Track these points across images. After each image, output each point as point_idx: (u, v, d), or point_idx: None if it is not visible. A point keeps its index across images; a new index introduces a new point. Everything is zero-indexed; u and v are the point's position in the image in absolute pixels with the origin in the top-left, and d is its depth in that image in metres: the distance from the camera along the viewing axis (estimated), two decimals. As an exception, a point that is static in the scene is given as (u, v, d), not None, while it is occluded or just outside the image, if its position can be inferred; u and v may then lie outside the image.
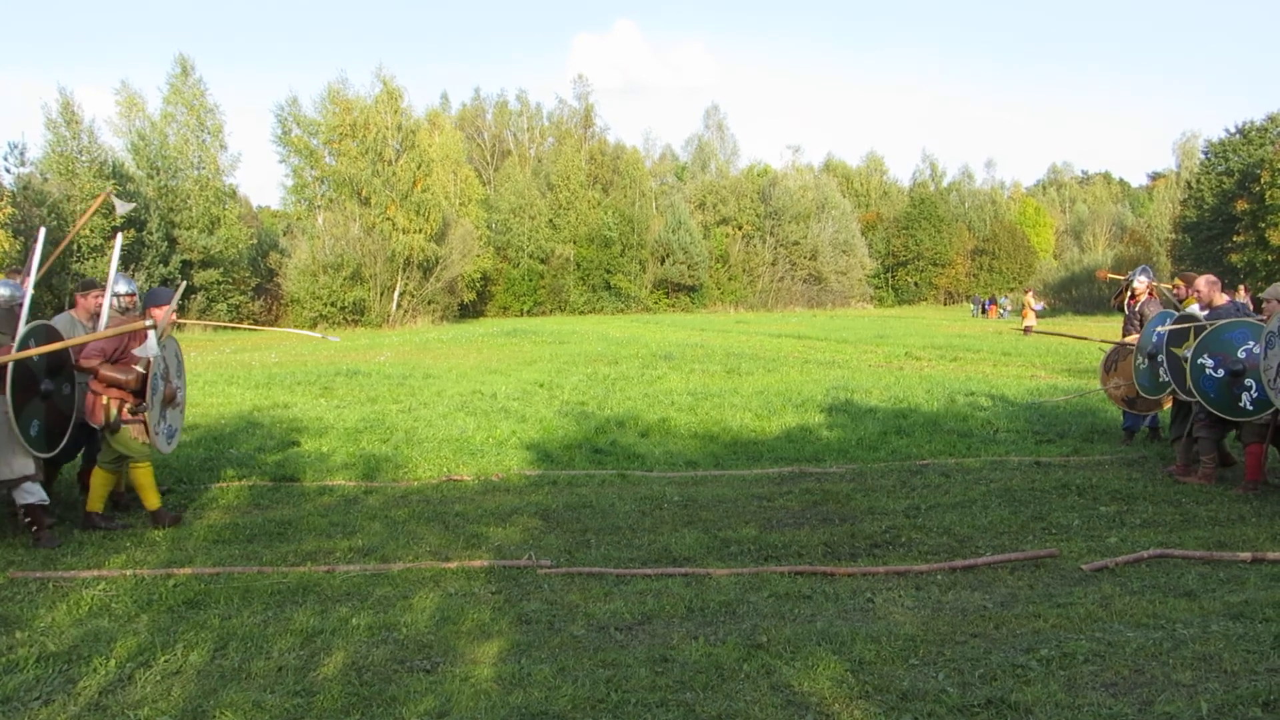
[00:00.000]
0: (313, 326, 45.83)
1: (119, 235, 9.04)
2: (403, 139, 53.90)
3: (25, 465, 6.78)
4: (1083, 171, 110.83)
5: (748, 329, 39.89)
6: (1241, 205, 50.31)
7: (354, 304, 50.56)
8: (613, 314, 63.12)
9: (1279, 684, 4.19)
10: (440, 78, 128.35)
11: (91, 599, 5.65)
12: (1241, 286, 38.15)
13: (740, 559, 6.56)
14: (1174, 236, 61.79)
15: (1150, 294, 9.98)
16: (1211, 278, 9.17)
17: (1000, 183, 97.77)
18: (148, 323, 7.08)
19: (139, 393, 7.31)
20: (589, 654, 4.77)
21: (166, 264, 48.28)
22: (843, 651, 4.69)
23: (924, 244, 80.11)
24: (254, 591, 5.74)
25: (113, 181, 45.12)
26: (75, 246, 42.04)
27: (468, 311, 60.88)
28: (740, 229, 73.67)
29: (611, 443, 11.19)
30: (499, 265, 64.59)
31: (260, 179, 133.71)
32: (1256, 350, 8.13)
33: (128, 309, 8.07)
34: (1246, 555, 6.24)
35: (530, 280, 65.58)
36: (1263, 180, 48.63)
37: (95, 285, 7.95)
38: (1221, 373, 8.36)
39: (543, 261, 65.72)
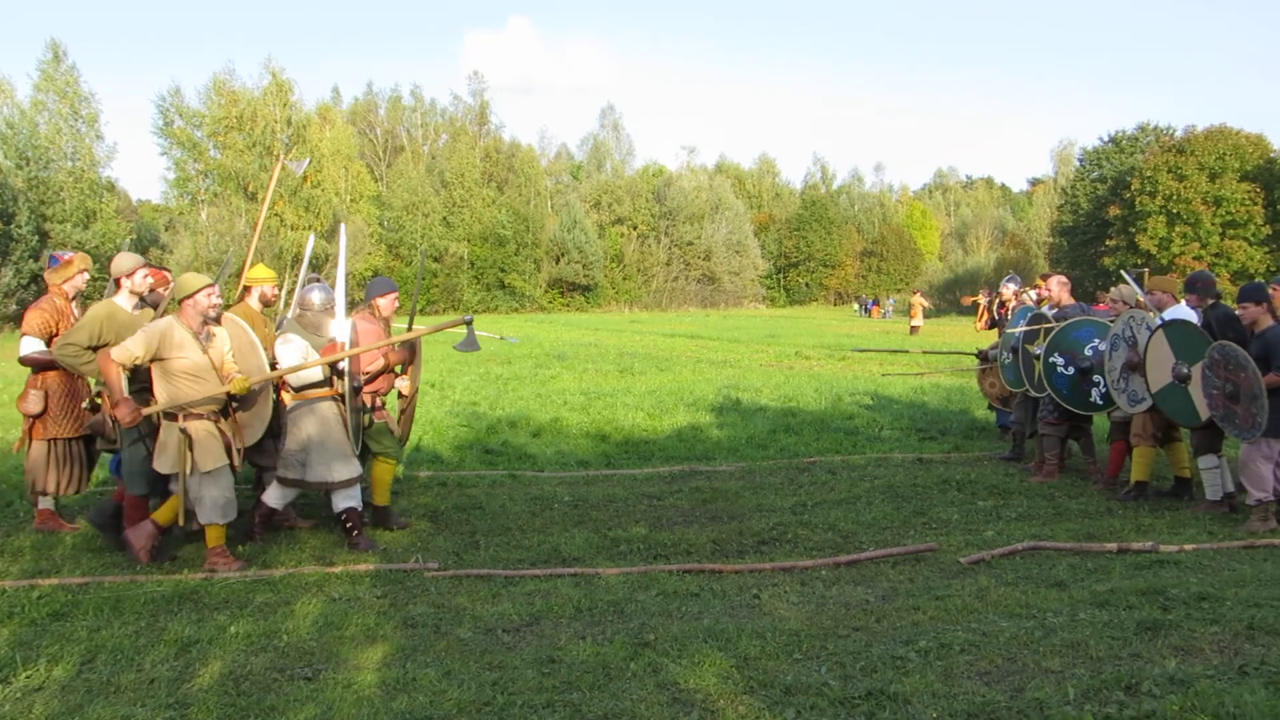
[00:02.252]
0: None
1: (312, 236, 8.69)
2: (292, 133, 52.72)
3: (352, 469, 6.69)
4: (967, 176, 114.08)
5: (642, 329, 40.06)
6: (1114, 211, 52.43)
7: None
8: (507, 313, 62.73)
9: (1140, 668, 4.38)
10: (331, 71, 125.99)
11: (-51, 612, 5.38)
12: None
13: (630, 558, 6.58)
14: (1051, 240, 64.04)
15: (1018, 300, 10.33)
16: (1062, 279, 9.52)
17: (888, 186, 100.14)
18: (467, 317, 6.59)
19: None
20: (475, 657, 4.73)
21: (37, 259, 46.09)
22: (728, 648, 4.74)
23: (815, 245, 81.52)
24: (126, 601, 5.52)
25: None
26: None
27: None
28: (635, 229, 73.94)
29: (503, 443, 11.13)
30: (391, 263, 63.58)
31: (140, 172, 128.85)
32: (1102, 347, 8.50)
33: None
34: (1113, 546, 6.52)
35: (423, 279, 64.66)
36: (1133, 187, 50.77)
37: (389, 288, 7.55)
38: (1071, 370, 8.69)
39: (436, 260, 64.95)
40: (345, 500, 6.72)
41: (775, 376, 18.30)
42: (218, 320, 6.35)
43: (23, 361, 6.96)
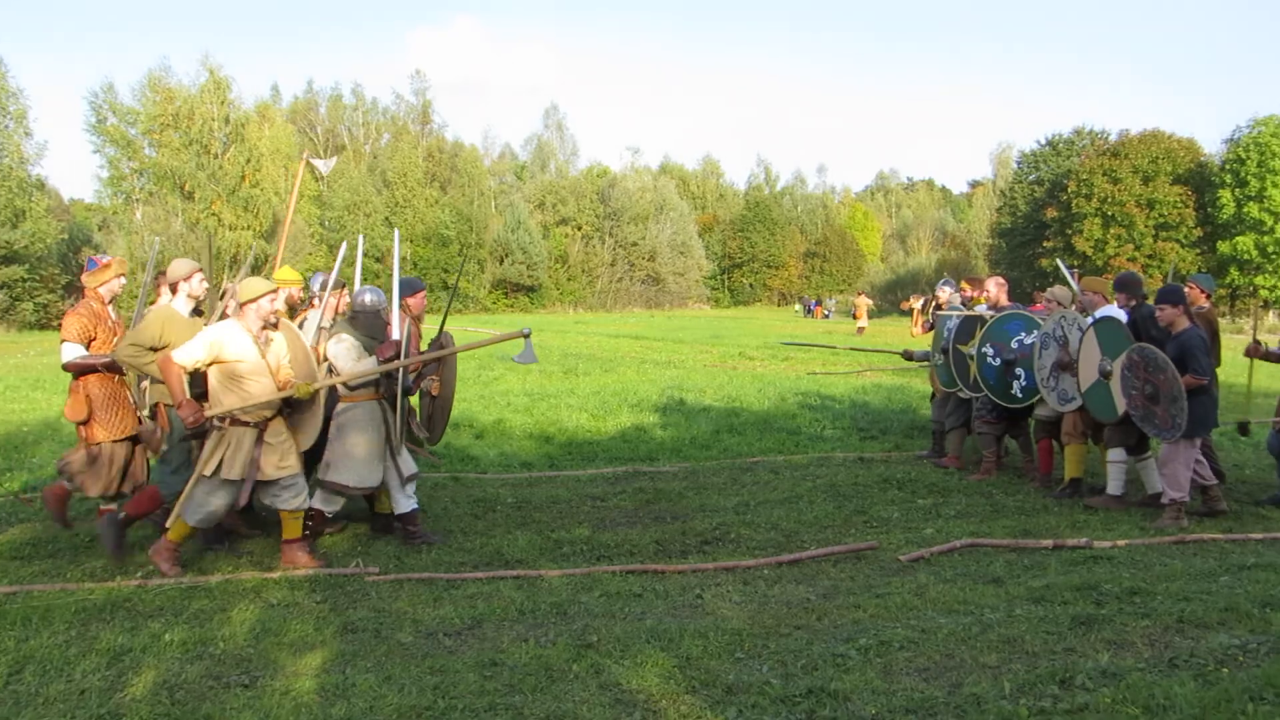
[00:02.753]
0: (128, 327, 43.49)
1: (345, 245, 8.56)
2: (230, 131, 51.87)
3: (371, 480, 6.67)
4: (908, 178, 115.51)
5: (586, 329, 40.01)
6: (1051, 213, 53.40)
7: (176, 303, 48.32)
8: (450, 314, 62.15)
9: (1074, 662, 4.47)
10: (270, 69, 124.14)
11: None
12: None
13: (573, 559, 6.57)
14: (991, 241, 65.05)
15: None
16: (1000, 280, 9.67)
17: (831, 188, 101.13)
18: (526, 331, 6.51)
19: None
20: (416, 661, 4.69)
21: (-37, 259, 45.00)
22: (671, 648, 4.75)
23: (759, 246, 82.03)
24: (56, 610, 5.38)
25: None
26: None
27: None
28: (579, 229, 73.86)
29: (445, 445, 11.02)
30: (332, 264, 62.80)
31: (72, 170, 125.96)
32: (1028, 341, 8.66)
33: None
34: (1048, 542, 6.63)
35: (365, 279, 63.89)
36: (1069, 190, 51.76)
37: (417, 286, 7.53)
38: (998, 361, 8.86)
39: (378, 260, 64.25)
40: (323, 503, 6.71)
41: (719, 377, 18.37)
42: (275, 325, 6.34)
43: (66, 368, 6.93)
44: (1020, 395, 8.78)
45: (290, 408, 6.38)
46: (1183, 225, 49.20)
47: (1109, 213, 49.59)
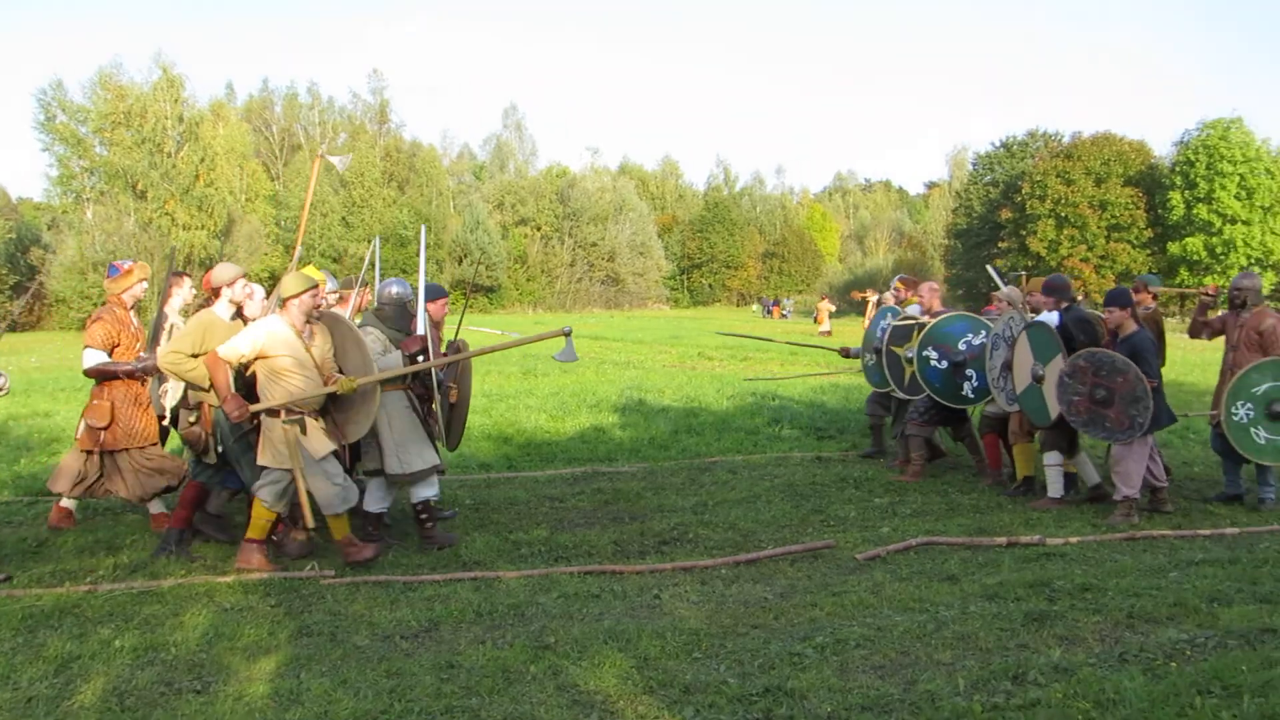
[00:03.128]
0: (82, 328, 42.79)
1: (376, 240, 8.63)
2: (184, 130, 51.04)
3: (427, 459, 6.76)
4: (865, 180, 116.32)
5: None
6: (1006, 214, 54.00)
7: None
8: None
9: (1027, 658, 4.53)
10: (225, 67, 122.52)
11: None
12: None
13: (531, 561, 6.55)
14: (947, 242, 65.68)
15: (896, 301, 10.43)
16: (933, 285, 9.69)
17: (789, 189, 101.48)
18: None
19: None
20: (372, 664, 4.65)
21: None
22: (628, 648, 4.75)
23: (718, 247, 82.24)
24: (2, 617, 5.29)
25: None
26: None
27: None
28: (539, 229, 73.65)
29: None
30: (288, 264, 62.16)
31: (20, 169, 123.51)
32: (976, 342, 8.75)
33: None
34: (1002, 540, 6.71)
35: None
36: (1024, 191, 52.38)
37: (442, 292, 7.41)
38: (945, 364, 8.88)
39: (335, 260, 63.73)
40: (424, 490, 6.80)
41: (678, 377, 18.40)
42: (320, 319, 6.43)
43: (88, 373, 6.98)
44: (972, 396, 8.86)
45: (335, 403, 6.42)
46: (1134, 226, 49.96)
47: (1062, 214, 50.25)
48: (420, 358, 6.63)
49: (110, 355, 6.95)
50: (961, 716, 3.90)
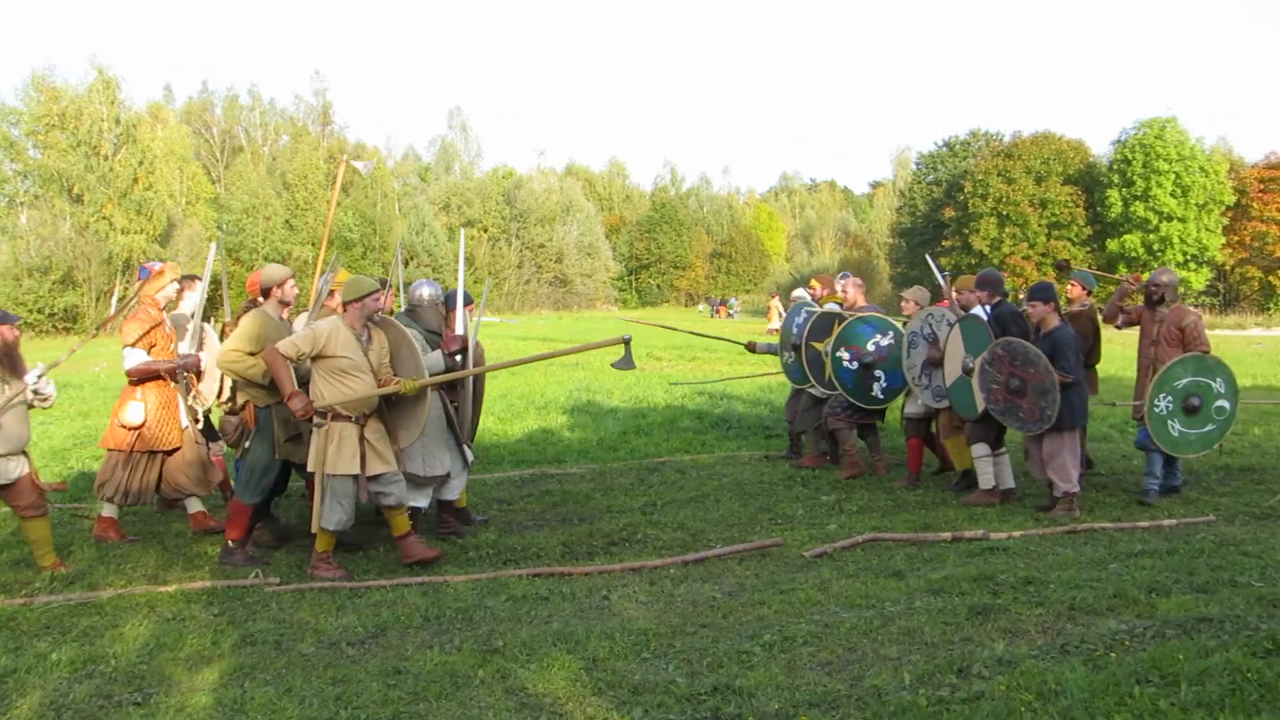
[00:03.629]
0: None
1: (400, 246, 8.43)
2: (121, 132, 50.03)
3: (449, 464, 6.97)
4: (811, 179, 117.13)
5: (493, 332, 39.67)
6: (949, 213, 54.68)
7: (65, 310, 46.42)
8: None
9: (971, 651, 4.58)
10: (163, 70, 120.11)
11: None
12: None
13: (479, 564, 6.52)
14: (892, 241, 66.34)
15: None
16: (857, 280, 9.66)
17: (736, 189, 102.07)
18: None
19: None
20: (318, 672, 4.60)
21: None
22: (577, 650, 4.74)
23: (665, 247, 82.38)
24: (-65, 631, 5.17)
25: None
26: None
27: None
28: (486, 231, 73.25)
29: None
30: (232, 268, 61.18)
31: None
32: (885, 343, 8.82)
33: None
34: (947, 535, 6.80)
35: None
36: (966, 190, 53.06)
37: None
38: (856, 365, 8.92)
39: (279, 264, 62.85)
40: (450, 492, 7.13)
41: (626, 378, 18.38)
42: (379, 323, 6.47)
43: (130, 374, 7.05)
44: (882, 397, 8.94)
45: (391, 405, 6.42)
46: (1074, 224, 50.79)
47: (1004, 212, 50.96)
48: (459, 356, 6.86)
49: (149, 355, 7.07)
50: (907, 711, 3.93)
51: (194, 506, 7.40)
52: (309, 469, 6.27)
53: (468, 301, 7.39)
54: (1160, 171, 47.40)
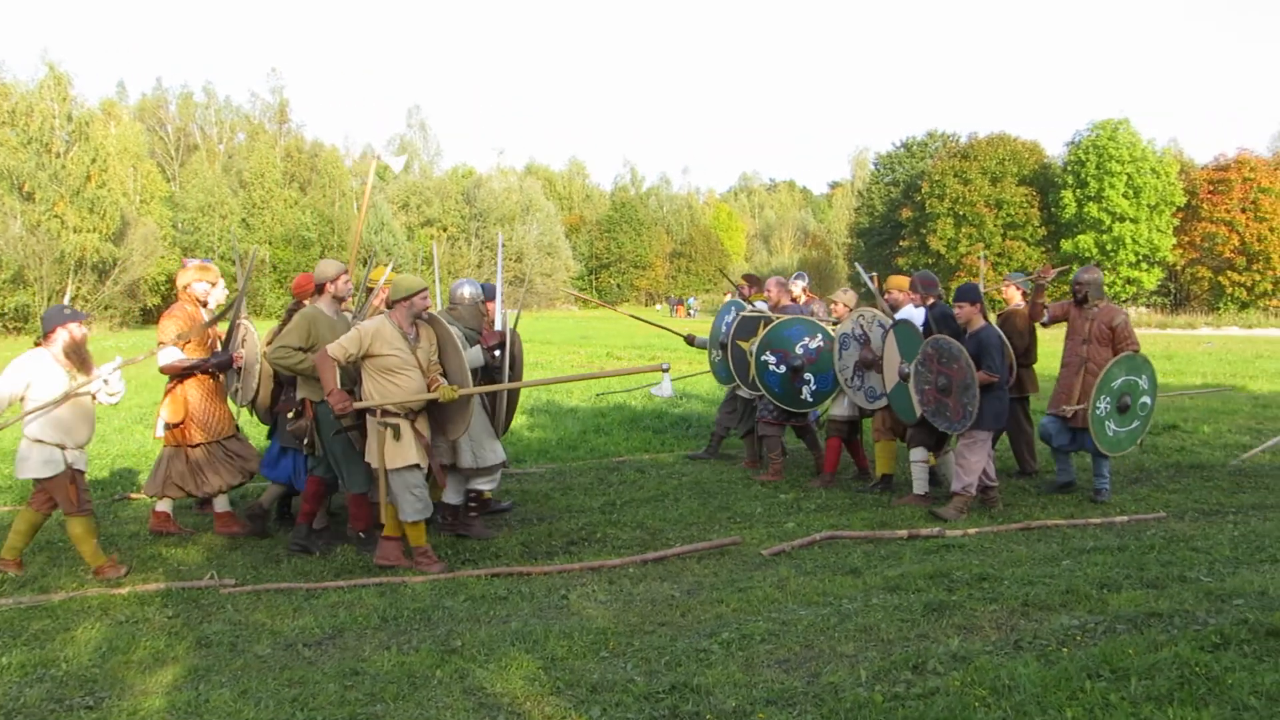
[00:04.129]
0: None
1: (436, 246, 8.44)
2: (73, 130, 49.19)
3: (501, 453, 7.17)
4: (770, 179, 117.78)
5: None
6: (906, 213, 55.25)
7: (16, 310, 45.58)
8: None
9: (927, 648, 4.63)
10: (116, 66, 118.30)
11: None
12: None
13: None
14: (850, 241, 66.95)
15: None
16: (780, 279, 9.57)
17: (696, 189, 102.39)
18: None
19: None
20: (274, 673, 4.56)
21: None
22: (536, 650, 4.74)
23: (625, 247, 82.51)
24: (-120, 636, 5.06)
25: None
26: None
27: (151, 317, 56.38)
28: (445, 230, 72.90)
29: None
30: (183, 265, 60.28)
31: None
32: (813, 346, 8.78)
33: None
34: (904, 532, 6.86)
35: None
36: (923, 190, 53.65)
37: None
38: (783, 368, 8.84)
39: (233, 264, 62.13)
40: (487, 484, 7.25)
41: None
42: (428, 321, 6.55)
43: (163, 370, 7.13)
44: (811, 399, 8.88)
45: (434, 402, 6.43)
46: (1029, 224, 51.51)
47: (960, 212, 51.58)
48: (498, 351, 7.03)
49: (183, 350, 7.12)
50: (863, 707, 3.97)
51: (221, 506, 7.38)
52: (371, 463, 6.35)
53: (491, 296, 7.50)
54: (1113, 173, 48.16)
